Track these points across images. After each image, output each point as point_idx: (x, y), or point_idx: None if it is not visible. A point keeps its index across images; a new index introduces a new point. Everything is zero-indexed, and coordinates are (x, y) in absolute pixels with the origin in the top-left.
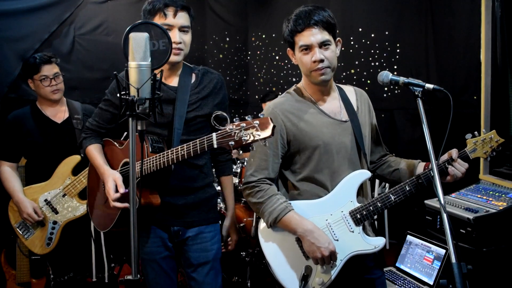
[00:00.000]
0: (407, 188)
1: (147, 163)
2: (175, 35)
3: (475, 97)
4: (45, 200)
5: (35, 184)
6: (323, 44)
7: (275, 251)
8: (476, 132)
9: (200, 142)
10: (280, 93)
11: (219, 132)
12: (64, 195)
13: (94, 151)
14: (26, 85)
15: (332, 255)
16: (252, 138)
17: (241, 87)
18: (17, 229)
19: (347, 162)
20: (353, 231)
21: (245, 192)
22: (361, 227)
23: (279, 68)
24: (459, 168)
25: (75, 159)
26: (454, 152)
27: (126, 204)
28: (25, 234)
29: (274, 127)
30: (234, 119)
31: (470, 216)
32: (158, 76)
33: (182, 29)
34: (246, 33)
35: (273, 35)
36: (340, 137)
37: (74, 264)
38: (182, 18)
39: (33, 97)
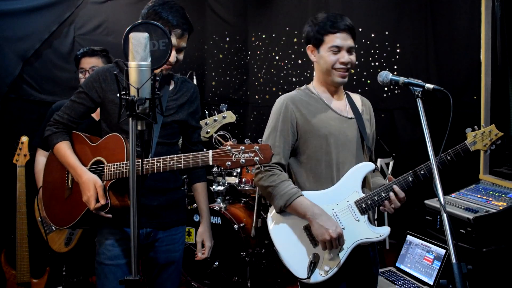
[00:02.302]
0: (410, 179)
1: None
2: (172, 55)
3: (475, 97)
4: None
5: None
6: (350, 50)
7: (284, 239)
8: (476, 127)
9: (193, 157)
10: (280, 93)
11: (216, 150)
12: None
13: (67, 148)
14: (26, 85)
15: (340, 238)
16: (250, 162)
17: (241, 87)
18: (40, 224)
19: (352, 155)
20: (358, 220)
21: (258, 176)
22: (366, 216)
23: (279, 68)
24: (395, 202)
25: None
26: (396, 188)
27: (109, 215)
28: (46, 230)
29: (273, 154)
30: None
31: (470, 216)
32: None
33: (180, 50)
34: (246, 33)
35: (273, 35)
36: (345, 131)
37: (87, 267)
38: (184, 41)
39: (33, 97)
